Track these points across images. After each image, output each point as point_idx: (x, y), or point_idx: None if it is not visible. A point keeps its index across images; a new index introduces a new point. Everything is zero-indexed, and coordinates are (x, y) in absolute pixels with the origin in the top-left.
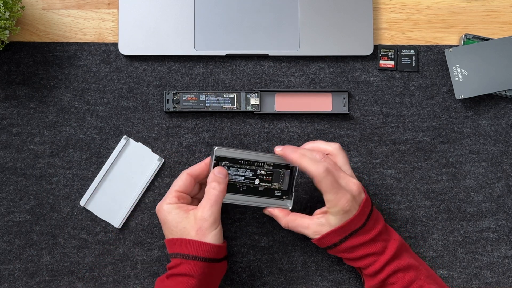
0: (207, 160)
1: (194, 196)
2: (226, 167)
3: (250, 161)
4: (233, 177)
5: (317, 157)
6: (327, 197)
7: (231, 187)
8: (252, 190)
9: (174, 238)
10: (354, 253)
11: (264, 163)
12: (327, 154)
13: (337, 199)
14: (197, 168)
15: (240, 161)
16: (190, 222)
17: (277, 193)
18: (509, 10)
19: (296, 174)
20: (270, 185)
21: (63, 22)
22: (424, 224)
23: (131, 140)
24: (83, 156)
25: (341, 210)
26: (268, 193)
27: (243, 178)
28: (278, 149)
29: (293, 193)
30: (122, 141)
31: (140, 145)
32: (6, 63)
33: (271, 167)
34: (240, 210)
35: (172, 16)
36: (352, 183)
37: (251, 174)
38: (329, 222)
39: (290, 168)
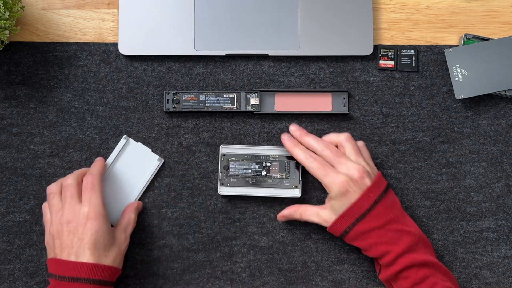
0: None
1: None
2: (233, 162)
3: (255, 155)
4: (240, 170)
5: (320, 145)
6: (323, 182)
7: (241, 180)
8: (261, 183)
9: (97, 265)
10: (366, 241)
11: (269, 156)
12: (336, 146)
13: (331, 182)
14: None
15: (246, 156)
16: (117, 243)
17: (286, 183)
18: (509, 10)
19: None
20: (276, 175)
21: (63, 22)
22: (424, 224)
23: (131, 140)
24: (83, 156)
25: (338, 192)
26: (277, 184)
27: (250, 171)
28: (283, 136)
29: (301, 182)
30: (122, 141)
31: (140, 145)
32: (6, 63)
33: (276, 159)
34: (240, 210)
35: (172, 16)
36: (353, 168)
37: (257, 167)
38: (333, 208)
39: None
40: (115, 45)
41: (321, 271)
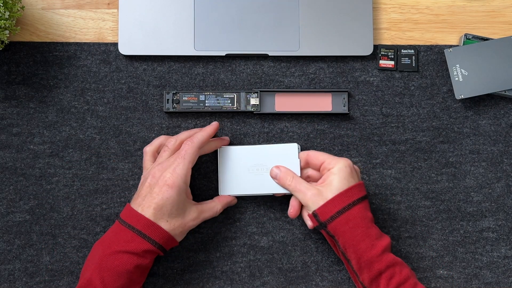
0: (209, 129)
1: None
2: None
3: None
4: None
5: None
6: (328, 160)
7: None
8: None
9: (153, 223)
10: (355, 229)
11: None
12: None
13: (338, 159)
14: (206, 138)
15: None
16: (184, 217)
17: None
18: (509, 10)
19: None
20: None
21: (63, 22)
22: (424, 224)
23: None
24: (83, 156)
25: (344, 168)
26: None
27: None
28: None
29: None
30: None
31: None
32: (6, 63)
33: None
34: (240, 210)
35: (172, 16)
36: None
37: None
38: (331, 185)
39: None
40: (115, 45)
41: (321, 271)
